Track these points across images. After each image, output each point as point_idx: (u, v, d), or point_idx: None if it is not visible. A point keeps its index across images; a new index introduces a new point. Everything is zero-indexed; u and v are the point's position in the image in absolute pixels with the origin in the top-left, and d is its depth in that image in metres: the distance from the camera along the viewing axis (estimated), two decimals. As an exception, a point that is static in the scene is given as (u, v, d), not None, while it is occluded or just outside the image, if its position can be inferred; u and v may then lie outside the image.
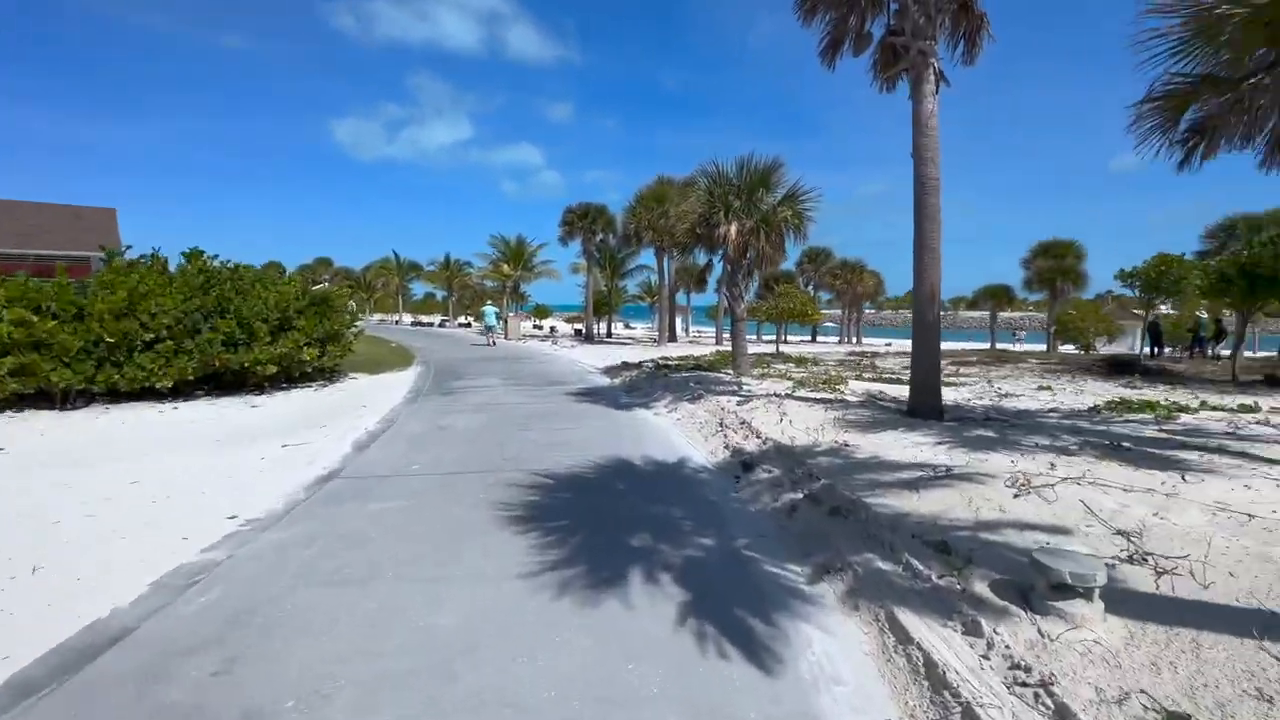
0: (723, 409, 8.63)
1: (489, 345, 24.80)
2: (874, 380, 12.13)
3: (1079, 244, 35.76)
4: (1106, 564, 3.38)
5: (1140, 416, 7.55)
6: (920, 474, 4.93)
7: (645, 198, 26.14)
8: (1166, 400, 8.20)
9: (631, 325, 58.97)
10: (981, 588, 3.24)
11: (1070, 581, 2.90)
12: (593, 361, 18.83)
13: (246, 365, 10.45)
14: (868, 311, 62.27)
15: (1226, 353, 23.50)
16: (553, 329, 43.25)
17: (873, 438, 6.33)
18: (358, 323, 14.16)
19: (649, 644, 2.99)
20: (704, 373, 13.28)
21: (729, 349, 23.46)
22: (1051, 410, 8.25)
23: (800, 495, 5.06)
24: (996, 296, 40.73)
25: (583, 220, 30.89)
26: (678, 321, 37.47)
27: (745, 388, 10.46)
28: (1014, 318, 62.37)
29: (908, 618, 3.07)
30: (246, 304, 10.81)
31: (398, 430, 8.08)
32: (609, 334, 37.84)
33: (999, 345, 37.44)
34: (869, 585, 3.49)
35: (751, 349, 16.50)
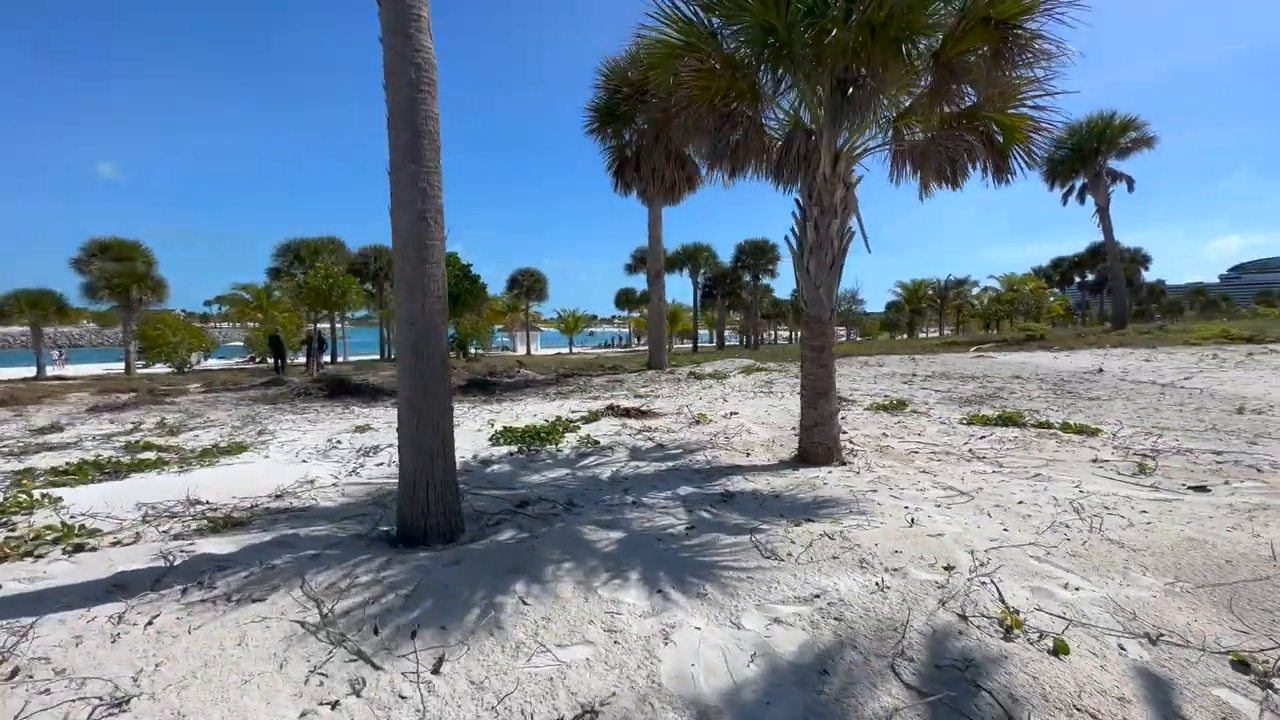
0: None
1: None
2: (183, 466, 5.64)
3: (146, 248, 31.41)
4: None
5: (553, 449, 6.52)
6: None
7: None
8: (545, 424, 7.57)
9: None
10: None
11: None
12: None
13: None
14: None
15: (325, 359, 26.31)
16: None
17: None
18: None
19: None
20: None
21: None
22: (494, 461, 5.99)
23: None
24: (41, 306, 29.98)
25: None
26: None
27: None
28: (69, 332, 48.33)
29: None
30: None
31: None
32: None
33: (49, 370, 27.82)
34: None
35: None
